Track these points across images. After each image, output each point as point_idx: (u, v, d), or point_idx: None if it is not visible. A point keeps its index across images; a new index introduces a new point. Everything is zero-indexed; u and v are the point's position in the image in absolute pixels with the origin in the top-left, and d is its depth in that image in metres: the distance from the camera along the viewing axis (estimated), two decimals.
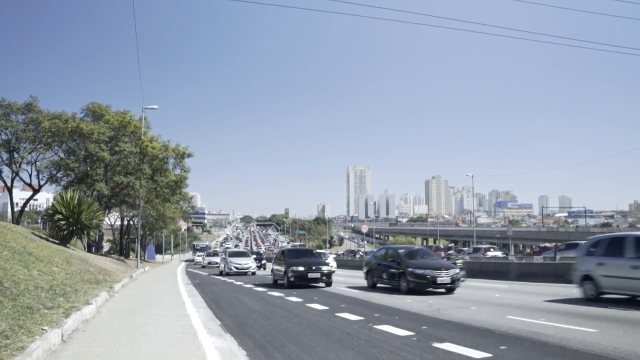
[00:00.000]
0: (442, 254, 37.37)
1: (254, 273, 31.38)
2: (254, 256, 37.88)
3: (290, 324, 9.39)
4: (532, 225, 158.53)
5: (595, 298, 12.26)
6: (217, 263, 43.51)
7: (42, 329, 6.49)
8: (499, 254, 40.11)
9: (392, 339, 7.55)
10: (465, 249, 54.74)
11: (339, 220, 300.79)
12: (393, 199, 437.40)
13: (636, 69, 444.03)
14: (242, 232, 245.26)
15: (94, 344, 6.81)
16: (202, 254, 68.23)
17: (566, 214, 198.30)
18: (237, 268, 30.89)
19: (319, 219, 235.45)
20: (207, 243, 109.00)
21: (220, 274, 32.22)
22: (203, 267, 49.26)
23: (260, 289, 18.32)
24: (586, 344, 6.90)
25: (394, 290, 16.38)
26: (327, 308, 11.68)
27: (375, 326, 8.79)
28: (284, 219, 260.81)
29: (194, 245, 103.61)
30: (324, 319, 9.90)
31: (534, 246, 60.71)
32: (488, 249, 43.04)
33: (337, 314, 10.51)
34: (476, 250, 43.01)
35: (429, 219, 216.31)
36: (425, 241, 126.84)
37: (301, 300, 13.70)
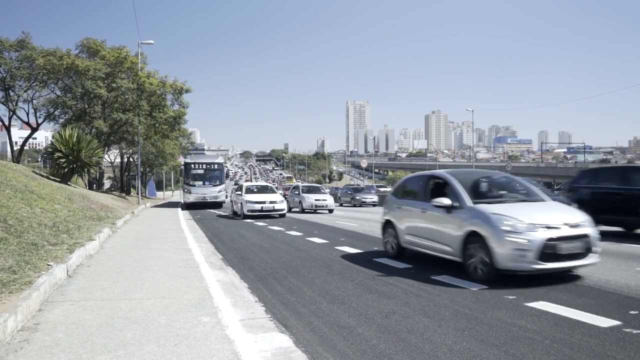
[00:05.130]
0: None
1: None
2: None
3: (290, 257, 9.57)
4: (531, 161, 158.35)
5: None
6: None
7: (48, 265, 6.63)
8: None
9: (391, 271, 7.73)
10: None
11: (338, 155, 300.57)
12: (392, 133, 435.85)
13: (639, 5, 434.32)
14: (244, 168, 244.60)
15: (98, 278, 6.97)
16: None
17: (565, 150, 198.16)
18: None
19: (319, 154, 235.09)
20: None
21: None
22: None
23: (260, 223, 18.55)
24: None
25: None
26: (327, 242, 11.88)
27: (374, 259, 8.97)
28: (284, 154, 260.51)
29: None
30: (324, 252, 10.09)
31: None
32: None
33: (336, 247, 10.70)
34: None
35: (428, 154, 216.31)
36: None
37: (301, 234, 13.91)
